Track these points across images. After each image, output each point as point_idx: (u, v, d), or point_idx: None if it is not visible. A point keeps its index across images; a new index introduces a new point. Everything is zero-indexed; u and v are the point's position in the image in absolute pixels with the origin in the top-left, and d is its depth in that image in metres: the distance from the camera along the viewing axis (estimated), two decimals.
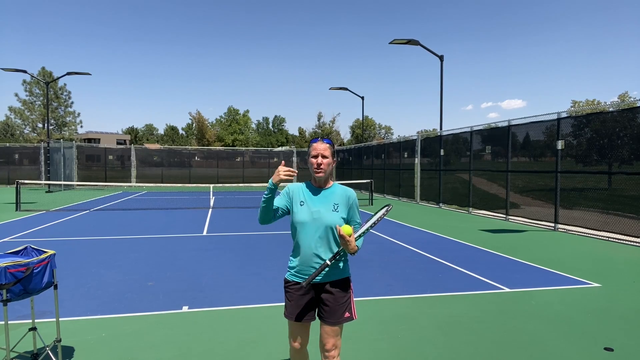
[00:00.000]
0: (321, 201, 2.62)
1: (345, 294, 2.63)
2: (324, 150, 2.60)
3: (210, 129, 63.64)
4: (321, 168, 2.59)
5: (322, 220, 2.57)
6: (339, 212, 2.60)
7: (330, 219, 2.57)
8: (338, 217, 2.59)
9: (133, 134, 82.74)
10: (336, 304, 2.59)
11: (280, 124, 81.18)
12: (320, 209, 2.59)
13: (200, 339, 4.10)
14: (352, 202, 2.65)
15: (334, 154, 2.67)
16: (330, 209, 2.59)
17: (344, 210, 2.62)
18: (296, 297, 2.62)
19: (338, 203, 2.62)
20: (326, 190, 2.66)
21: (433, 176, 17.68)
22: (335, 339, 2.60)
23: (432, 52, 18.06)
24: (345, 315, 2.60)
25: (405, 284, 6.01)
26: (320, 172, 2.60)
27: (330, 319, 2.59)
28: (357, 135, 62.21)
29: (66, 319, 4.49)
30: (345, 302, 2.62)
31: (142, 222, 12.00)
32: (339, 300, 2.60)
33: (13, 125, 52.85)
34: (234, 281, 6.08)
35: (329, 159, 2.62)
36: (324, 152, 2.60)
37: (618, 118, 9.98)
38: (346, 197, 2.64)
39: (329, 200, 2.62)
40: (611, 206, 9.85)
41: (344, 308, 2.60)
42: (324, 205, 2.60)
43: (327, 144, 2.63)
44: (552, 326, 4.47)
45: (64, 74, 26.61)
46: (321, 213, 2.58)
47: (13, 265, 2.86)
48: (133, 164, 30.66)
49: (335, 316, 2.59)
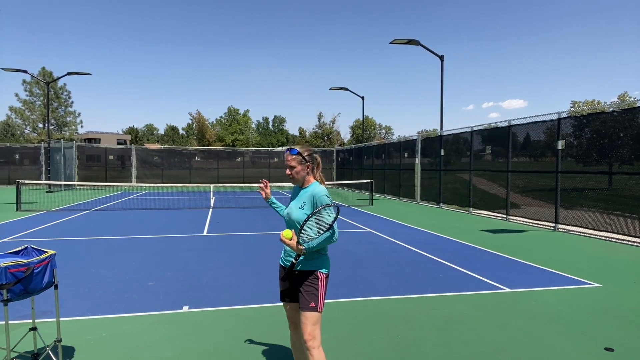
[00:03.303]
0: (296, 200, 3.01)
1: (310, 285, 2.87)
2: (290, 161, 2.96)
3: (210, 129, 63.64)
4: (291, 177, 2.98)
5: (291, 217, 2.95)
6: (303, 210, 2.89)
7: (296, 216, 2.91)
8: (302, 214, 2.87)
9: (133, 134, 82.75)
10: (303, 291, 2.86)
11: (281, 124, 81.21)
12: (292, 206, 2.99)
13: (200, 339, 4.10)
14: (316, 200, 2.88)
15: (306, 158, 2.95)
16: (298, 207, 2.93)
17: (309, 207, 2.88)
18: (280, 281, 3.09)
19: (305, 201, 2.92)
20: (302, 190, 3.01)
21: (433, 176, 17.68)
22: (310, 328, 2.80)
23: (433, 52, 18.06)
24: (310, 304, 2.83)
25: (405, 284, 6.01)
26: (292, 179, 3.00)
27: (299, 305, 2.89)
28: (358, 135, 62.17)
29: (66, 319, 4.49)
30: (310, 292, 2.85)
31: (143, 222, 12.00)
32: (305, 288, 2.87)
33: (13, 125, 52.91)
34: (234, 281, 6.08)
35: (297, 167, 2.95)
36: (291, 163, 2.96)
37: (618, 118, 9.97)
38: (311, 196, 2.91)
39: (300, 199, 2.96)
40: (611, 206, 9.84)
41: (309, 297, 2.84)
42: (295, 203, 2.98)
43: (293, 155, 2.95)
44: (552, 326, 4.47)
45: (64, 74, 26.64)
46: (292, 210, 2.97)
47: (13, 265, 2.86)
48: (133, 164, 30.65)
49: (301, 302, 2.87)
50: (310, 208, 2.89)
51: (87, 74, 26.26)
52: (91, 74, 26.46)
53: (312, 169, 2.99)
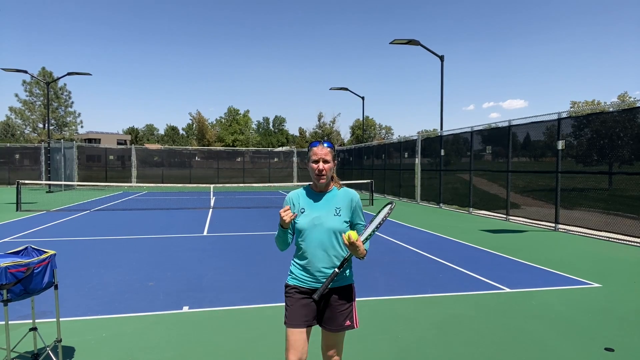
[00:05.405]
0: (322, 206, 2.53)
1: (347, 302, 2.54)
2: (325, 154, 2.48)
3: (210, 129, 63.66)
4: (323, 174, 2.49)
5: (323, 226, 2.47)
6: (341, 216, 2.50)
7: (333, 224, 2.48)
8: (340, 222, 2.49)
9: (133, 134, 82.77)
10: (337, 312, 2.51)
11: (281, 124, 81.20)
12: (321, 214, 2.50)
13: (200, 339, 4.10)
14: (355, 204, 2.56)
15: (335, 156, 2.56)
16: (332, 214, 2.50)
17: (346, 213, 2.53)
18: (296, 301, 2.50)
19: (340, 207, 2.52)
20: (328, 194, 2.57)
21: (433, 176, 17.67)
22: (336, 346, 2.57)
23: (433, 52, 18.06)
24: (346, 323, 2.52)
25: (405, 284, 6.01)
26: (322, 178, 2.49)
27: (330, 326, 2.53)
28: (358, 136, 62.18)
29: (66, 319, 4.49)
30: (346, 309, 2.53)
31: (143, 222, 12.00)
32: (340, 307, 2.52)
33: (13, 126, 52.91)
34: (234, 281, 6.08)
35: (331, 163, 2.50)
36: (326, 157, 2.48)
37: (618, 118, 9.97)
38: (349, 199, 2.55)
39: (331, 204, 2.53)
40: (612, 206, 9.84)
41: (345, 315, 2.52)
42: (325, 210, 2.51)
43: (329, 148, 2.50)
44: (552, 326, 4.46)
45: (65, 74, 26.63)
46: (322, 219, 2.49)
47: (13, 265, 2.86)
48: (133, 164, 30.66)
49: (335, 323, 2.52)
50: (348, 214, 2.53)
51: (87, 74, 26.25)
52: (91, 74, 26.47)
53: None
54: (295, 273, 2.56)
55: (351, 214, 2.55)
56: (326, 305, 2.52)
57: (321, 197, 2.56)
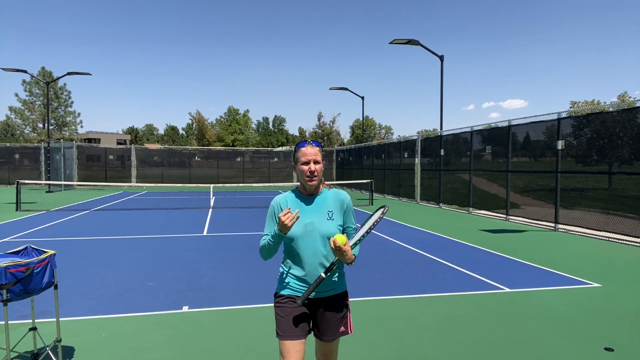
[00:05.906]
0: (314, 210, 2.39)
1: (341, 311, 2.45)
2: (315, 155, 2.35)
3: (210, 129, 63.65)
4: (315, 176, 2.35)
5: (317, 232, 2.34)
6: (334, 220, 2.38)
7: (326, 229, 2.35)
8: (335, 226, 2.37)
9: (133, 134, 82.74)
10: (332, 322, 2.43)
11: (281, 124, 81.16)
12: (314, 219, 2.36)
13: (200, 339, 4.10)
14: (347, 206, 2.45)
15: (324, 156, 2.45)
16: (325, 218, 2.37)
17: (339, 217, 2.41)
18: (289, 311, 2.36)
19: (332, 210, 2.40)
20: (318, 197, 2.43)
21: (433, 176, 17.68)
22: (331, 354, 2.52)
23: (433, 52, 18.06)
24: (340, 329, 2.45)
25: (405, 284, 6.01)
26: (314, 180, 2.36)
27: (325, 336, 2.44)
28: (357, 135, 62.17)
29: (66, 319, 4.49)
30: (341, 318, 2.46)
31: (142, 222, 12.00)
32: (335, 317, 2.43)
33: (13, 125, 52.87)
34: (234, 281, 6.08)
35: (321, 164, 2.37)
36: (316, 157, 2.35)
37: (618, 118, 9.98)
38: (340, 202, 2.43)
39: (322, 208, 2.40)
40: (611, 206, 9.84)
41: (339, 324, 2.45)
42: (317, 215, 2.38)
43: (318, 147, 2.38)
44: (552, 326, 4.46)
45: (64, 74, 26.63)
46: (315, 224, 2.35)
47: (13, 265, 2.86)
48: (133, 164, 30.65)
49: (329, 333, 2.43)
50: (341, 217, 2.41)
51: (87, 74, 26.25)
52: (91, 74, 26.47)
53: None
54: (290, 283, 2.42)
55: (343, 216, 2.44)
56: (320, 315, 2.43)
57: (312, 200, 2.42)
